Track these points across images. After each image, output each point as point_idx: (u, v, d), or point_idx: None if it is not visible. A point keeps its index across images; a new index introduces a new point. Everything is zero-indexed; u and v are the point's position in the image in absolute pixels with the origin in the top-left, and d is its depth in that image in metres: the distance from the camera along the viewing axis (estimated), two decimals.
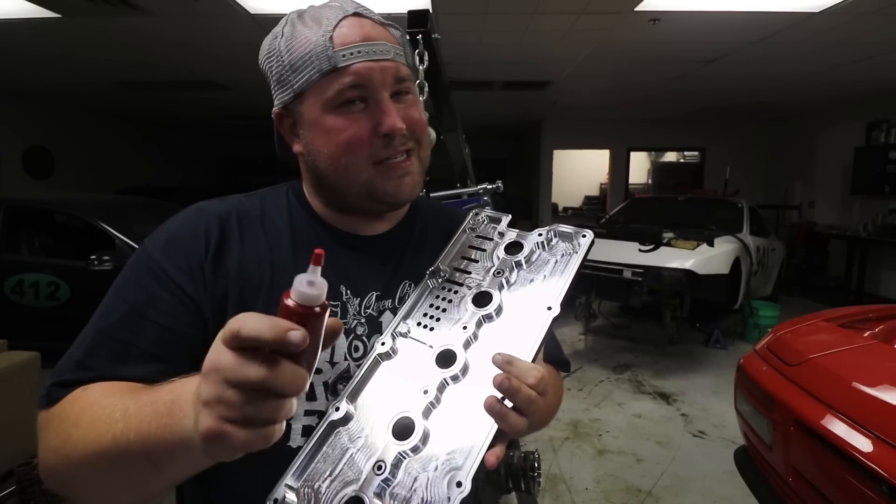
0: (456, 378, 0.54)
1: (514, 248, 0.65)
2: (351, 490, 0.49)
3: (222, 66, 5.16)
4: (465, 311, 0.60)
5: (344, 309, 0.65)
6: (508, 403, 0.49)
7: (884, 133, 5.96)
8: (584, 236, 0.63)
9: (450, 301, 0.62)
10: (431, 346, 0.57)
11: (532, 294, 0.59)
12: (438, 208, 0.83)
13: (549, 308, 0.57)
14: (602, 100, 7.03)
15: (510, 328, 0.57)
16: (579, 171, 11.66)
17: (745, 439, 2.05)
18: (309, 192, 0.70)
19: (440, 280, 0.64)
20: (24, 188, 6.88)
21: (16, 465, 2.03)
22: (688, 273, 3.97)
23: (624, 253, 4.27)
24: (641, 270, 4.08)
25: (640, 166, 10.99)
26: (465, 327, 0.58)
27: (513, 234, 0.67)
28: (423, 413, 0.52)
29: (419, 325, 0.61)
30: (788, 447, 1.64)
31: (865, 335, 1.92)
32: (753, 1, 3.42)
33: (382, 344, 0.59)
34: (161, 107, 7.78)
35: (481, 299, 0.60)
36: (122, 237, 3.68)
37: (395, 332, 0.60)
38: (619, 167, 9.22)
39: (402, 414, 0.52)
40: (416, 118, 0.64)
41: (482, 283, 0.62)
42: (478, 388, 0.52)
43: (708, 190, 7.83)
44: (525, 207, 9.90)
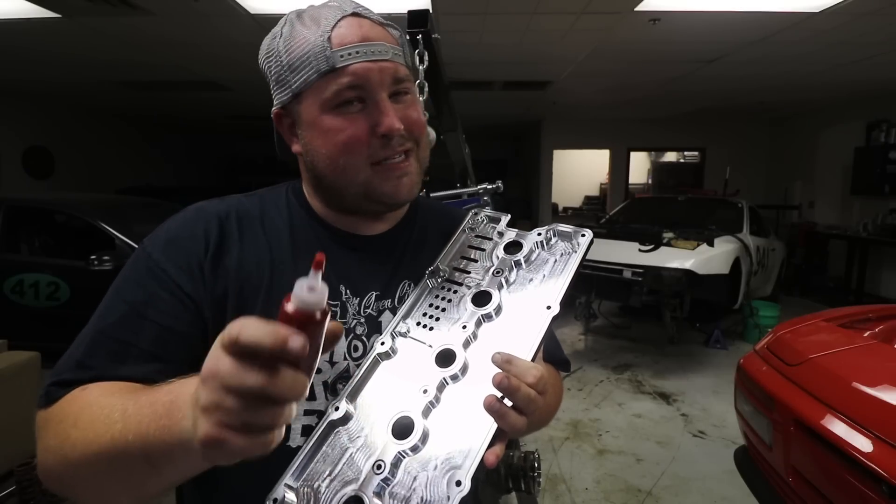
0: (455, 377, 0.54)
1: (513, 247, 0.65)
2: (350, 489, 0.49)
3: (222, 66, 5.16)
4: (464, 310, 0.60)
5: (343, 309, 0.65)
6: (508, 402, 0.49)
7: (884, 133, 5.96)
8: (584, 236, 0.63)
9: (449, 301, 0.62)
10: (431, 346, 0.57)
11: (531, 293, 0.59)
12: (438, 208, 0.83)
13: (549, 307, 0.57)
14: (602, 100, 7.03)
15: (510, 327, 0.57)
16: (579, 171, 11.66)
17: (745, 439, 2.05)
18: (308, 192, 0.70)
19: (439, 280, 0.64)
20: (24, 188, 6.88)
21: (16, 465, 2.03)
22: (688, 273, 3.97)
23: (624, 253, 4.27)
24: (641, 270, 4.08)
25: (640, 166, 10.99)
26: (464, 327, 0.58)
27: (512, 234, 0.67)
28: (422, 412, 0.52)
29: (419, 324, 0.61)
30: (788, 447, 1.64)
31: (865, 335, 1.92)
32: (753, 1, 3.42)
33: (382, 343, 0.59)
34: (161, 107, 7.78)
35: (481, 299, 0.60)
36: (122, 237, 3.68)
37: (394, 331, 0.60)
38: (619, 167, 9.22)
39: (401, 413, 0.52)
40: (415, 118, 0.64)
41: (481, 282, 0.62)
42: (477, 388, 0.52)
43: (708, 190, 7.82)
44: (525, 207, 9.90)
